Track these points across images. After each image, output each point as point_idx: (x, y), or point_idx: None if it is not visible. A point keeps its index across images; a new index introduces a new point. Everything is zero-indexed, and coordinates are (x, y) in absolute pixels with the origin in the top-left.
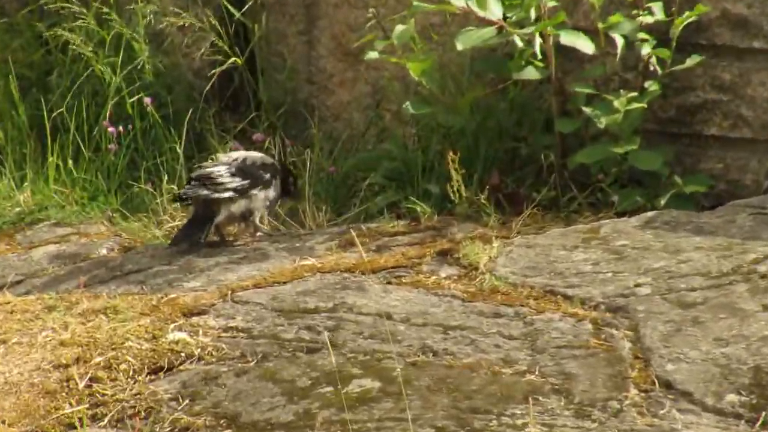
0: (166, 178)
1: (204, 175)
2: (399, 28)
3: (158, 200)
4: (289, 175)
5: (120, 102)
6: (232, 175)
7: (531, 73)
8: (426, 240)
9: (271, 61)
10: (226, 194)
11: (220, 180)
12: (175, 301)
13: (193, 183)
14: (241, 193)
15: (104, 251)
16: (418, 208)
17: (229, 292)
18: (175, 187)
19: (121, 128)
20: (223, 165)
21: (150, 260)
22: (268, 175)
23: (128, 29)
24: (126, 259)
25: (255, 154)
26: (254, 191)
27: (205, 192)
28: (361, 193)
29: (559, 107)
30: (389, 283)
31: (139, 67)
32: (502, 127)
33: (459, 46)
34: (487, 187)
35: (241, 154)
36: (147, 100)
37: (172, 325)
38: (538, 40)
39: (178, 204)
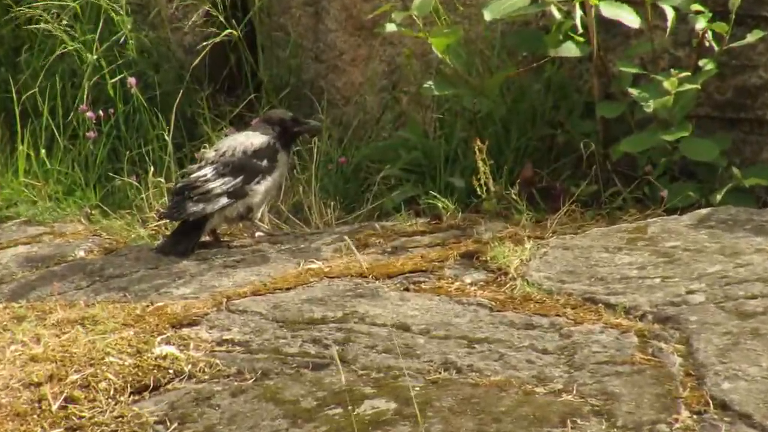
0: (152, 169)
1: (188, 185)
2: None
3: (143, 195)
4: (291, 124)
5: (99, 83)
6: (221, 175)
7: (570, 50)
8: (449, 240)
9: (272, 35)
10: (220, 204)
11: (207, 186)
12: (163, 310)
13: (176, 198)
14: (237, 196)
15: (81, 253)
16: (440, 205)
17: (224, 300)
18: (162, 180)
19: (100, 113)
20: (208, 165)
21: (134, 264)
22: (265, 161)
23: None
24: (106, 262)
25: (244, 140)
26: (251, 186)
27: (194, 209)
28: (374, 188)
29: (602, 89)
30: (407, 289)
31: (120, 42)
32: (536, 111)
33: (487, 16)
34: (519, 180)
35: (228, 143)
36: (131, 80)
37: (159, 338)
38: (578, 12)
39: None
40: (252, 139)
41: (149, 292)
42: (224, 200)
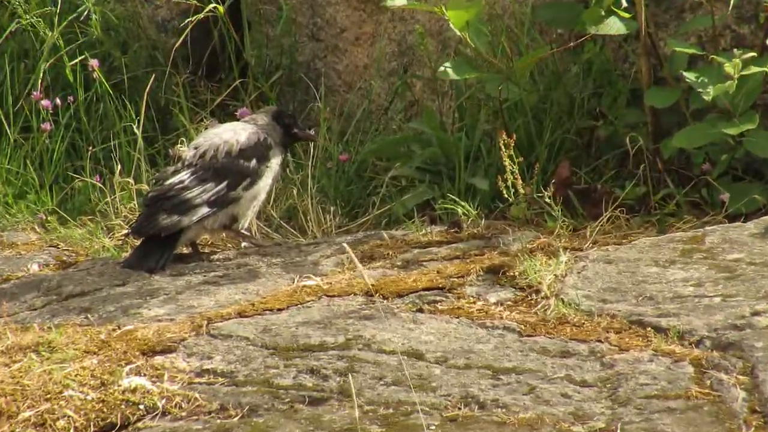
0: (119, 168)
1: (162, 194)
2: None
3: (108, 199)
4: (288, 121)
5: (57, 65)
6: (201, 180)
7: (613, 27)
8: (470, 252)
9: (260, 9)
10: (199, 214)
11: (184, 196)
12: (132, 334)
13: (147, 210)
14: (219, 204)
15: (35, 267)
16: (460, 210)
17: (205, 322)
18: (131, 181)
19: (58, 101)
20: (186, 169)
21: (98, 280)
22: (253, 162)
23: None
24: (65, 278)
25: (229, 136)
26: (237, 192)
27: (167, 222)
28: (382, 190)
29: (651, 73)
30: (420, 310)
31: (81, 18)
32: (573, 99)
33: None
34: (553, 181)
35: (210, 139)
36: (93, 62)
37: (127, 368)
38: None
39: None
40: (239, 134)
41: (116, 314)
42: (204, 210)
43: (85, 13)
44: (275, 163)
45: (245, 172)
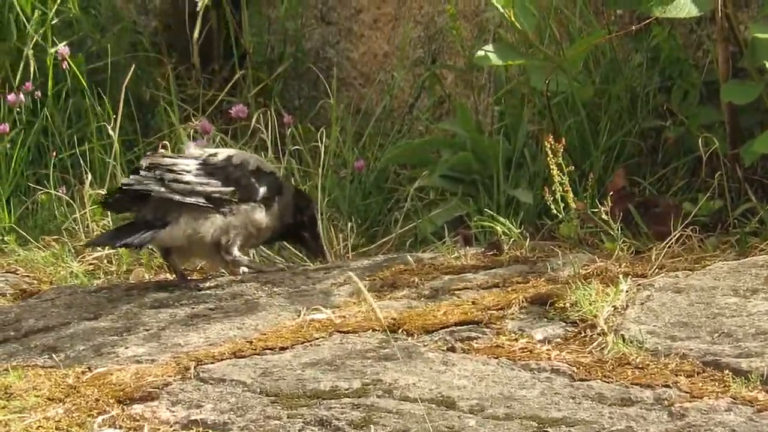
0: (89, 178)
1: (162, 164)
2: None
3: (77, 215)
4: (301, 203)
5: (18, 52)
6: (208, 174)
7: (682, 8)
8: (512, 279)
9: None
10: (191, 199)
11: (185, 178)
12: (106, 378)
13: (142, 174)
14: (217, 204)
15: None
16: (499, 228)
17: (193, 363)
18: (104, 193)
19: (21, 97)
20: (193, 158)
21: (65, 312)
22: (263, 189)
23: None
24: (25, 310)
25: (245, 154)
26: (237, 206)
27: (160, 188)
28: (406, 203)
29: (729, 63)
30: (452, 349)
31: None
32: (635, 94)
33: None
34: (610, 193)
35: (223, 150)
36: (62, 49)
37: (99, 419)
38: None
39: (109, 211)
40: (260, 160)
41: (86, 353)
42: (201, 200)
43: None
44: (279, 208)
45: (252, 190)
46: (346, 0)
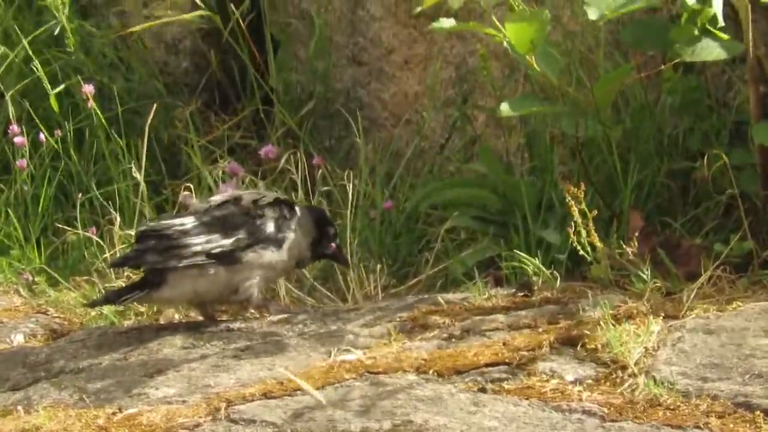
0: (118, 220)
1: (154, 230)
2: None
3: (107, 255)
4: (325, 225)
5: (36, 90)
6: (207, 227)
7: (709, 52)
8: (542, 320)
9: (288, 24)
10: (188, 261)
11: (181, 240)
12: (136, 419)
13: (138, 245)
14: (220, 258)
15: (20, 338)
16: (530, 269)
17: (223, 404)
18: (134, 234)
19: (42, 135)
20: (191, 215)
21: (95, 352)
22: (270, 227)
23: None
24: (55, 350)
25: (254, 193)
26: (244, 254)
27: (155, 258)
28: (436, 244)
29: (761, 104)
30: (482, 390)
31: (54, 33)
32: (665, 135)
33: (592, 15)
34: (636, 234)
35: (230, 193)
36: (87, 88)
37: None
38: None
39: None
40: (270, 196)
41: (116, 394)
42: (202, 259)
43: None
44: (296, 239)
45: (258, 232)
46: (377, 40)
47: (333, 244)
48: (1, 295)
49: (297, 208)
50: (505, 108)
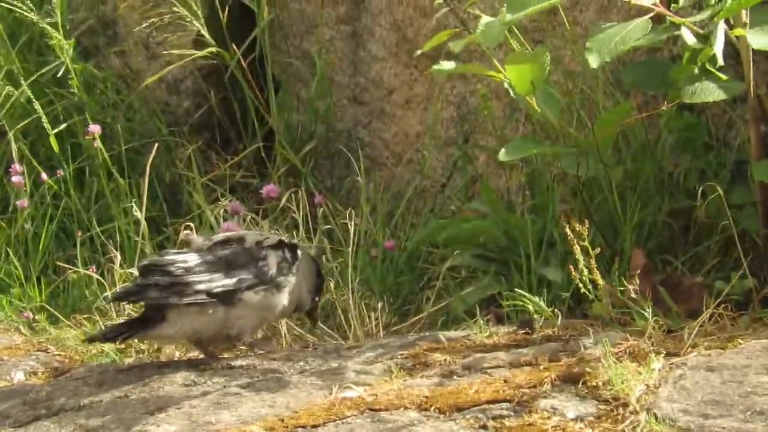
0: (119, 258)
1: (156, 265)
2: (485, 21)
3: (108, 293)
4: (316, 276)
5: (38, 129)
6: (210, 266)
7: (709, 93)
8: (543, 358)
9: (290, 65)
10: (189, 299)
11: (184, 278)
12: None
13: (140, 280)
14: (221, 297)
15: (21, 375)
16: (531, 307)
17: None
18: (134, 272)
19: (44, 175)
20: (194, 252)
21: (95, 390)
22: (273, 270)
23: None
24: (56, 388)
25: (257, 234)
26: (245, 294)
27: (156, 293)
28: (437, 282)
29: (762, 143)
30: (483, 427)
31: (58, 75)
32: (666, 174)
33: (593, 63)
34: (637, 272)
35: (234, 233)
36: (94, 128)
37: None
38: (720, 34)
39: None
40: (274, 239)
41: (117, 431)
42: (203, 297)
43: (61, 69)
44: (299, 283)
45: (261, 273)
46: (378, 80)
47: (316, 299)
48: (1, 333)
49: (299, 252)
50: (503, 154)
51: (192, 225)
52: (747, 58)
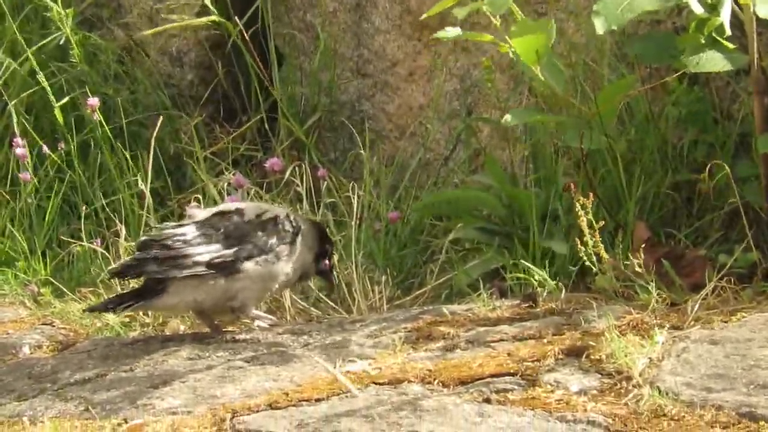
0: (123, 231)
1: (155, 240)
2: None
3: (113, 266)
4: (322, 241)
5: (41, 103)
6: (208, 238)
7: (714, 63)
8: (547, 331)
9: (293, 37)
10: (188, 271)
11: (182, 250)
12: (142, 430)
13: (138, 254)
14: (220, 268)
15: (26, 349)
16: (535, 280)
17: (229, 415)
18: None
19: (46, 149)
20: (193, 224)
21: (100, 363)
22: (273, 239)
23: None
24: (61, 362)
25: (257, 206)
26: (245, 265)
27: (155, 267)
28: (440, 256)
29: (765, 115)
30: (487, 400)
31: (60, 42)
32: (669, 147)
33: (600, 28)
34: (641, 245)
35: (233, 205)
36: (92, 101)
37: None
38: (727, 5)
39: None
40: (273, 210)
41: (122, 405)
42: (203, 269)
43: (61, 39)
44: (302, 251)
45: (259, 243)
46: (381, 52)
47: (327, 262)
48: (7, 307)
49: (302, 222)
50: (509, 117)
51: (200, 198)
52: (751, 30)
